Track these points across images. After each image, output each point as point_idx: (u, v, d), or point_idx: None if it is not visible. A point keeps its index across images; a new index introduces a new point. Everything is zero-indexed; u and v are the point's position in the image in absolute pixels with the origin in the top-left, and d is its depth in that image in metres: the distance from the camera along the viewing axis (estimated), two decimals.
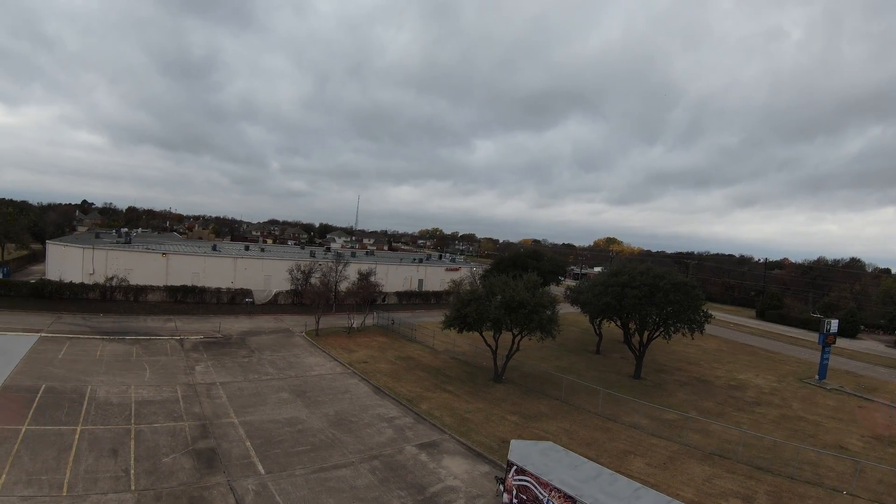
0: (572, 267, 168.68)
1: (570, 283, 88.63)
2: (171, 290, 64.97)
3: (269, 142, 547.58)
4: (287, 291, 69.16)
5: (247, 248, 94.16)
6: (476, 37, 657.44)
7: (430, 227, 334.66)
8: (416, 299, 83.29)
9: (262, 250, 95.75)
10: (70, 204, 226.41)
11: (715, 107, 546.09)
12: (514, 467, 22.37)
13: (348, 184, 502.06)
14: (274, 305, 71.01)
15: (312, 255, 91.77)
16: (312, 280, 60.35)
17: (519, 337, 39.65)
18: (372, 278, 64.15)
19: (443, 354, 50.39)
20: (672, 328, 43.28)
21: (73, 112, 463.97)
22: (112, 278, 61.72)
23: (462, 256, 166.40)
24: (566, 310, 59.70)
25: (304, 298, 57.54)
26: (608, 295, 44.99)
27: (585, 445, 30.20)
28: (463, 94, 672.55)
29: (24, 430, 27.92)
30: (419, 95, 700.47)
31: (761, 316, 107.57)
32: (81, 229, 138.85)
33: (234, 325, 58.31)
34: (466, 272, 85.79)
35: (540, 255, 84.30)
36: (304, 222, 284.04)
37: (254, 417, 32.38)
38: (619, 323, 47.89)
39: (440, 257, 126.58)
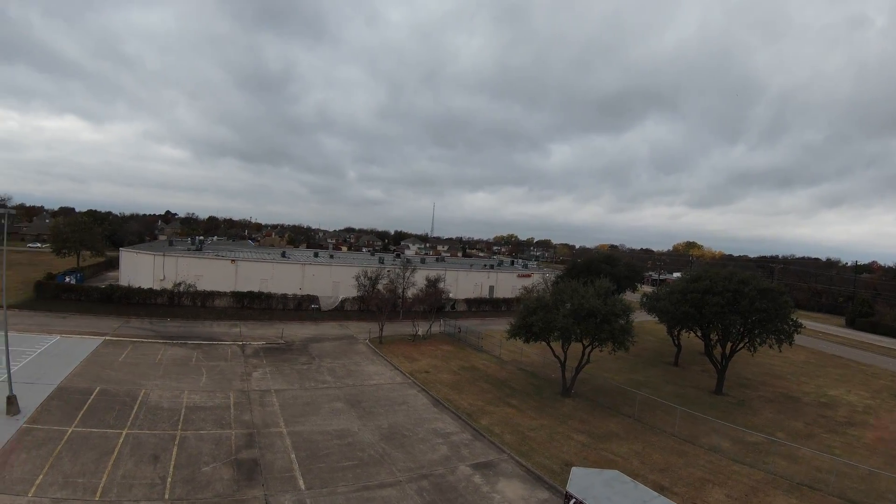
0: (650, 272, 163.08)
1: (648, 289, 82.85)
2: (238, 296, 66.66)
3: (345, 151, 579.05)
4: (353, 298, 69.12)
5: (316, 255, 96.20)
6: (548, 38, 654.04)
7: (505, 234, 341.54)
8: (486, 306, 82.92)
9: (332, 257, 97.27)
10: (153, 214, 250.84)
11: (798, 101, 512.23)
12: (573, 500, 20.53)
13: (424, 191, 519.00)
14: (340, 312, 71.24)
15: (381, 261, 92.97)
16: (379, 286, 59.70)
17: (589, 348, 38.21)
18: (440, 285, 62.58)
19: (509, 365, 49.05)
20: (758, 339, 41.40)
21: (156, 128, 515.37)
22: (179, 284, 64.41)
23: (535, 262, 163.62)
24: (642, 318, 56.15)
25: (369, 305, 57.02)
26: (687, 303, 43.59)
27: (658, 471, 28.05)
28: (537, 98, 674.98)
29: (70, 431, 28.43)
30: (493, 101, 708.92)
31: (851, 324, 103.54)
32: (162, 238, 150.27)
33: (299, 331, 58.92)
34: (538, 278, 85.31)
35: (615, 260, 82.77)
36: (379, 230, 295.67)
37: (303, 428, 30.87)
38: (699, 333, 46.16)
39: (512, 263, 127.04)
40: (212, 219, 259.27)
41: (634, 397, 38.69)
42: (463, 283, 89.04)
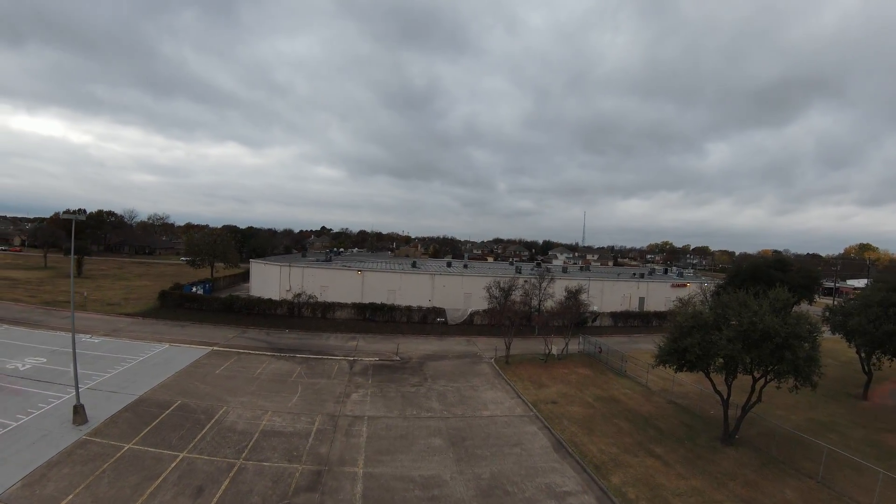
0: (822, 280, 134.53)
1: (825, 301, 66.66)
2: (360, 308, 66.11)
3: (494, 163, 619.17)
4: (483, 311, 64.19)
5: (449, 265, 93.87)
6: (698, 28, 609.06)
7: (659, 242, 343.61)
8: (635, 321, 78.23)
9: (466, 267, 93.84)
10: (308, 230, 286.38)
11: None
12: None
13: (574, 200, 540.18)
14: (469, 326, 67.02)
15: (518, 270, 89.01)
16: (513, 298, 54.87)
17: (762, 381, 31.85)
18: (582, 296, 58.16)
19: (657, 396, 42.92)
20: None
21: (311, 150, 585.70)
22: (300, 294, 65.44)
23: (692, 270, 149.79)
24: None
25: (500, 319, 51.73)
26: (892, 319, 39.34)
27: None
28: (690, 94, 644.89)
29: (126, 448, 28.06)
30: (644, 101, 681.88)
31: None
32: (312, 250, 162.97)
33: (420, 346, 56.32)
34: (696, 288, 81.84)
35: (786, 265, 78.63)
36: (528, 240, 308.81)
37: (384, 470, 26.37)
38: None
39: (665, 271, 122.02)
40: (362, 232, 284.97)
41: (819, 451, 30.98)
42: (609, 294, 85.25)
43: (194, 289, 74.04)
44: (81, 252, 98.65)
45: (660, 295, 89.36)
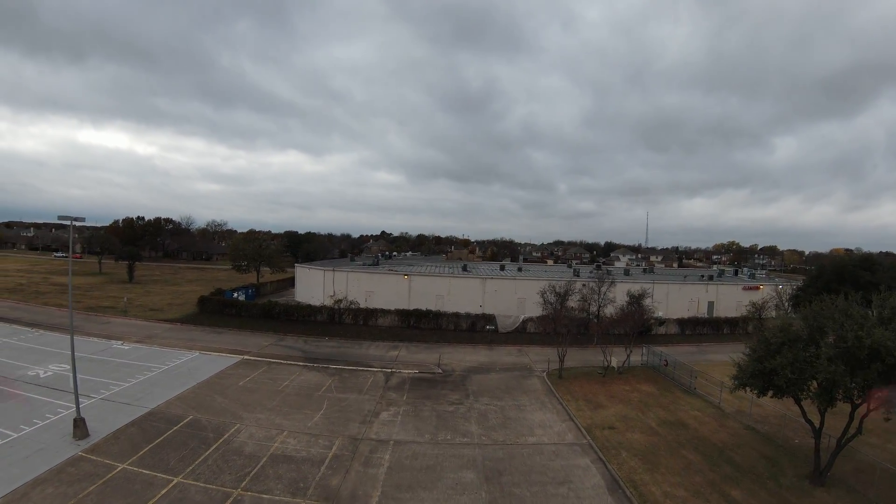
0: None
1: None
2: (404, 315, 62.55)
3: (554, 165, 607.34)
4: (537, 318, 59.15)
5: (502, 268, 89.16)
6: (761, 15, 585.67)
7: (725, 242, 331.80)
8: (704, 328, 71.38)
9: (520, 270, 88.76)
10: (368, 235, 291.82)
11: None
12: None
13: (637, 200, 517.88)
14: (521, 334, 62.01)
15: (576, 273, 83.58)
16: (570, 303, 49.96)
17: (864, 410, 25.90)
18: (646, 301, 53.60)
19: (731, 420, 36.76)
20: None
21: (370, 155, 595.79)
22: (340, 300, 62.61)
23: (763, 271, 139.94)
24: None
25: (554, 326, 46.64)
26: None
27: None
28: (755, 86, 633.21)
29: (119, 469, 25.73)
30: (707, 95, 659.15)
31: None
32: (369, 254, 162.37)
33: (465, 357, 51.98)
34: (770, 291, 77.21)
35: (873, 264, 70.79)
36: (589, 241, 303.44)
37: None
38: None
39: (735, 273, 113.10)
40: (420, 236, 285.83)
41: None
42: (674, 298, 79.84)
43: (235, 294, 72.61)
44: (133, 258, 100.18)
45: (730, 299, 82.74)
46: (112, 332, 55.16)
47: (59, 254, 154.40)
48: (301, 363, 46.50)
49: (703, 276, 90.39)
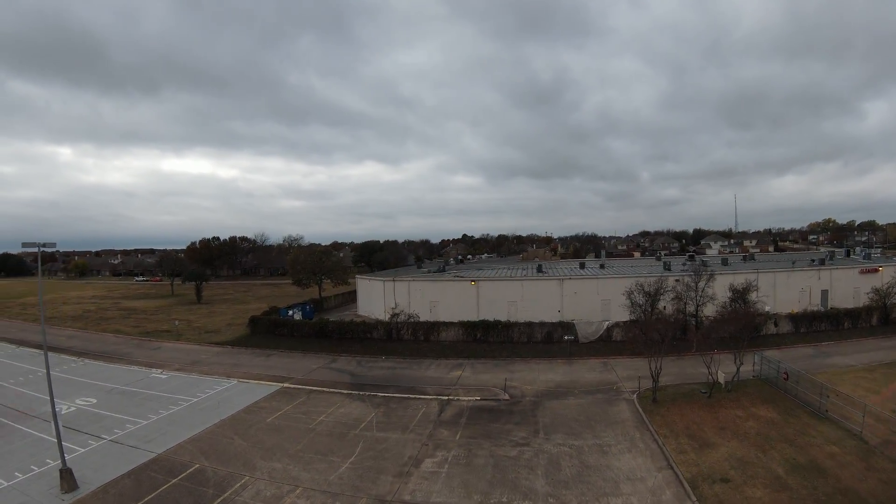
0: None
1: None
2: (469, 327, 55.66)
3: (635, 152, 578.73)
4: (624, 323, 50.27)
5: (581, 266, 79.76)
6: None
7: (820, 220, 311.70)
8: (821, 323, 58.52)
9: (602, 267, 79.19)
10: (448, 239, 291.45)
11: None
12: None
13: (724, 183, 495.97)
14: (606, 344, 52.91)
15: (667, 267, 72.82)
16: (661, 304, 41.18)
17: None
18: (752, 296, 45.79)
19: (880, 458, 26.43)
20: None
21: (447, 160, 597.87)
22: (397, 314, 56.47)
23: (878, 250, 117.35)
24: None
25: (646, 333, 37.58)
26: None
27: None
28: (840, 48, 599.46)
29: None
30: (788, 63, 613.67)
31: None
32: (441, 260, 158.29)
33: (539, 376, 44.10)
34: (892, 273, 65.24)
35: None
36: (676, 230, 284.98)
37: None
38: None
39: (847, 254, 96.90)
40: (501, 237, 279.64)
41: None
42: (782, 289, 67.22)
43: (291, 312, 68.25)
44: (199, 279, 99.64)
45: (846, 285, 69.40)
46: (157, 359, 52.15)
47: (140, 278, 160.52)
48: (346, 391, 40.70)
49: (813, 261, 76.44)
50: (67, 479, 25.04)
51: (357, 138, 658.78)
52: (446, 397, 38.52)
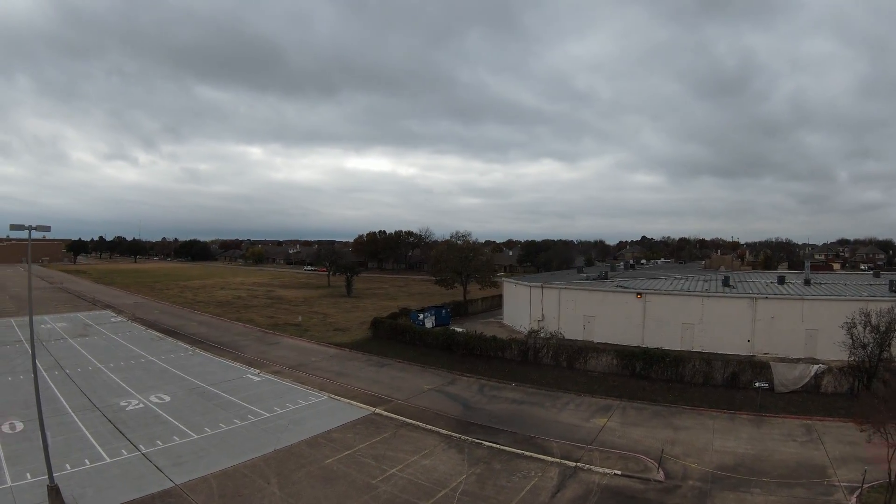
0: None
1: None
2: (626, 357, 43.02)
3: (831, 148, 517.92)
4: (840, 370, 34.38)
5: (781, 282, 61.62)
6: None
7: None
8: None
9: (808, 282, 60.58)
10: (625, 241, 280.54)
11: None
12: None
13: None
14: (813, 397, 36.12)
15: (894, 288, 52.81)
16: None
17: None
18: None
19: None
20: None
21: (626, 157, 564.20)
22: (536, 331, 46.31)
23: None
24: None
25: (871, 393, 23.08)
26: None
27: None
28: None
29: None
30: None
31: None
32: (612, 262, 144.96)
33: (714, 441, 30.38)
34: None
35: None
36: (880, 238, 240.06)
37: None
38: None
39: None
40: (682, 240, 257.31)
41: None
42: None
43: (422, 316, 60.84)
44: (350, 271, 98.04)
45: None
46: (266, 357, 48.24)
47: (309, 267, 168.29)
48: (445, 430, 31.52)
49: None
50: (54, 498, 20.88)
51: (532, 135, 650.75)
52: (573, 463, 27.36)
